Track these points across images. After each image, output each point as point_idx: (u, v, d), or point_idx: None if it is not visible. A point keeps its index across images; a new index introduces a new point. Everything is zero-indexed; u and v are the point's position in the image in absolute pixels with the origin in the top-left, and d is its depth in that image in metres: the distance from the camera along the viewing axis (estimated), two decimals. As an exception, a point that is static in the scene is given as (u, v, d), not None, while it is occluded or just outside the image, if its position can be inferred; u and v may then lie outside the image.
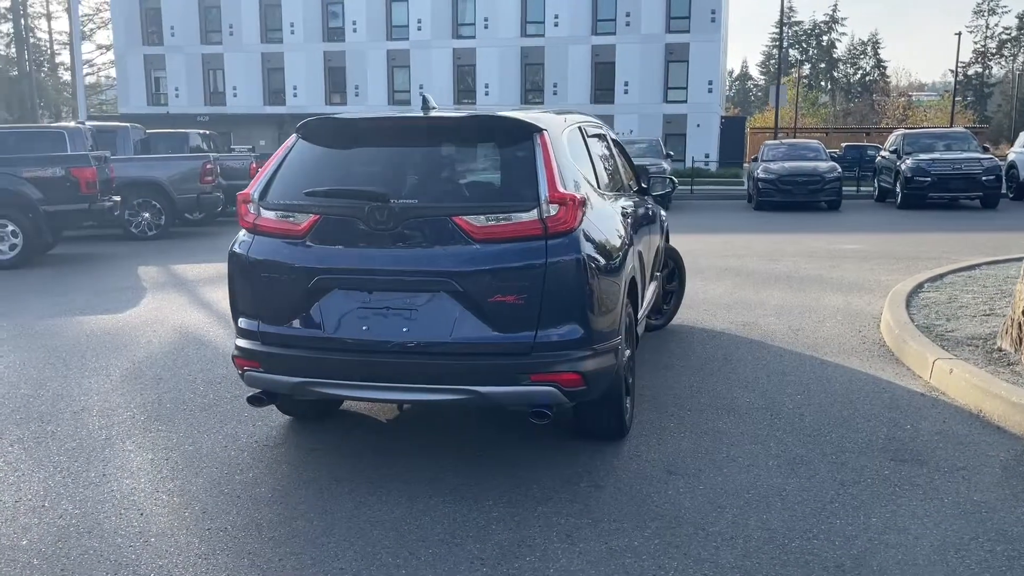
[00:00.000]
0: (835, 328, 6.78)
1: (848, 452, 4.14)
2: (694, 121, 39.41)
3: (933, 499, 3.60)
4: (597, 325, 3.74)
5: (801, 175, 18.77)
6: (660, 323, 6.78)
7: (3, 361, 6.01)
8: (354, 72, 42.00)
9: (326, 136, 3.97)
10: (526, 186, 3.60)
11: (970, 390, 4.84)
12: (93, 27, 61.88)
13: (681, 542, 3.23)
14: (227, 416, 4.68)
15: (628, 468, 3.96)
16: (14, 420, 4.70)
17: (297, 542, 3.25)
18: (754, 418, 4.64)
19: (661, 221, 6.37)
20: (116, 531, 3.34)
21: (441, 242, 3.58)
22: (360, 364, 3.65)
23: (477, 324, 3.57)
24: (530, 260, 3.55)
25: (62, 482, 3.84)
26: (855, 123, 68.08)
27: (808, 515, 3.46)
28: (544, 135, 3.76)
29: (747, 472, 3.90)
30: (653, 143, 21.32)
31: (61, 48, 61.77)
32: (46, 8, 61.26)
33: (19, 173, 10.88)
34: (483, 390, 3.59)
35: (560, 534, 3.30)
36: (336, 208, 3.68)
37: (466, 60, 41.02)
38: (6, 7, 54.74)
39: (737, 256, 11.22)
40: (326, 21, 42.23)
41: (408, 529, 3.35)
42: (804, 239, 13.29)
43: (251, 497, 3.67)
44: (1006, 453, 4.10)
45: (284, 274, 3.75)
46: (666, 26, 39.29)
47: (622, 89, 39.99)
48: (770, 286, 8.77)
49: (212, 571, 3.03)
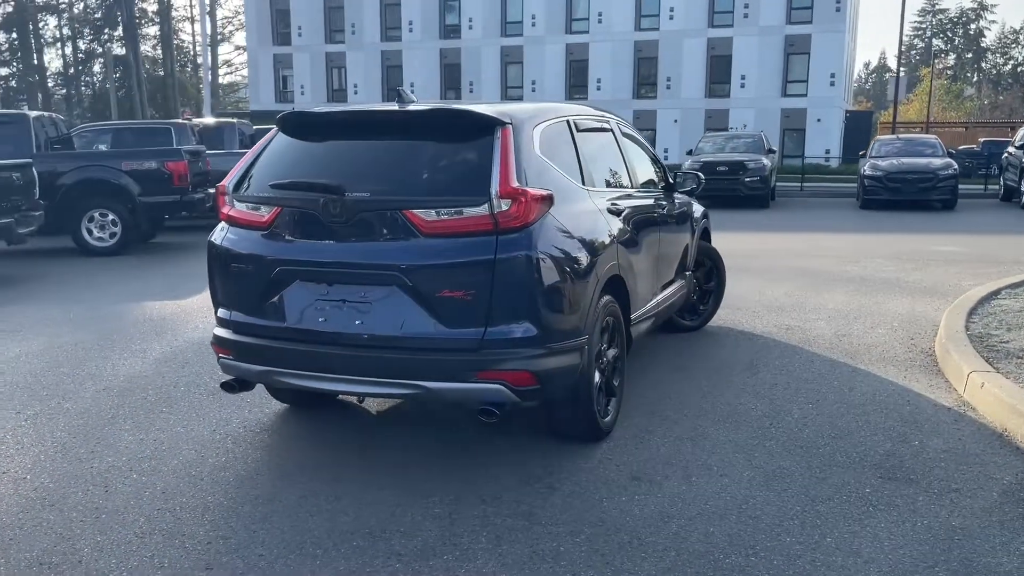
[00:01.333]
0: (885, 335, 6.37)
1: (836, 467, 3.89)
2: (814, 116, 37.83)
3: (906, 521, 3.33)
4: (555, 324, 3.65)
5: (911, 172, 17.70)
6: (695, 324, 6.56)
7: (58, 341, 6.43)
8: (469, 69, 42.54)
9: (302, 129, 4.04)
10: (479, 180, 3.55)
11: (997, 406, 4.45)
12: (232, 29, 65.13)
13: (609, 551, 3.12)
14: (229, 401, 4.83)
15: (594, 471, 3.85)
16: (40, 396, 5.02)
17: (233, 526, 3.33)
18: (751, 426, 4.42)
19: (692, 219, 6.16)
20: (76, 506, 3.52)
21: (391, 236, 3.59)
22: (317, 355, 3.71)
23: (426, 319, 3.56)
24: (479, 256, 3.51)
25: (52, 456, 4.07)
26: (1003, 117, 63.57)
27: (760, 530, 3.27)
28: (507, 129, 3.69)
29: (716, 482, 3.73)
30: (755, 138, 20.58)
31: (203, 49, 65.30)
32: (190, 12, 64.97)
33: (119, 166, 11.59)
34: (430, 385, 3.57)
35: (491, 535, 3.25)
36: (295, 201, 3.75)
37: (578, 55, 40.83)
38: (155, 11, 58.37)
39: (815, 256, 10.71)
40: (443, 19, 42.94)
41: (344, 521, 3.38)
42: (899, 240, 12.55)
43: (213, 480, 3.78)
44: (1012, 477, 3.75)
45: (250, 265, 3.85)
46: (787, 17, 37.84)
47: (738, 83, 38.83)
48: (835, 288, 8.33)
49: (141, 549, 3.15)
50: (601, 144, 4.85)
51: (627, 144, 5.23)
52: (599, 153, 4.74)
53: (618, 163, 4.97)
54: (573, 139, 4.34)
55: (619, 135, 5.10)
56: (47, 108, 51.35)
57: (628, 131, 5.41)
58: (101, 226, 11.59)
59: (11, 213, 9.20)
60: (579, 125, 4.49)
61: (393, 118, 3.95)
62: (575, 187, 4.13)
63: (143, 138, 13.84)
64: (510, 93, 41.97)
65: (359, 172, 3.77)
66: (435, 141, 3.80)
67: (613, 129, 5.06)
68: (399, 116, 3.90)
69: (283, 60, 46.42)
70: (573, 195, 4.05)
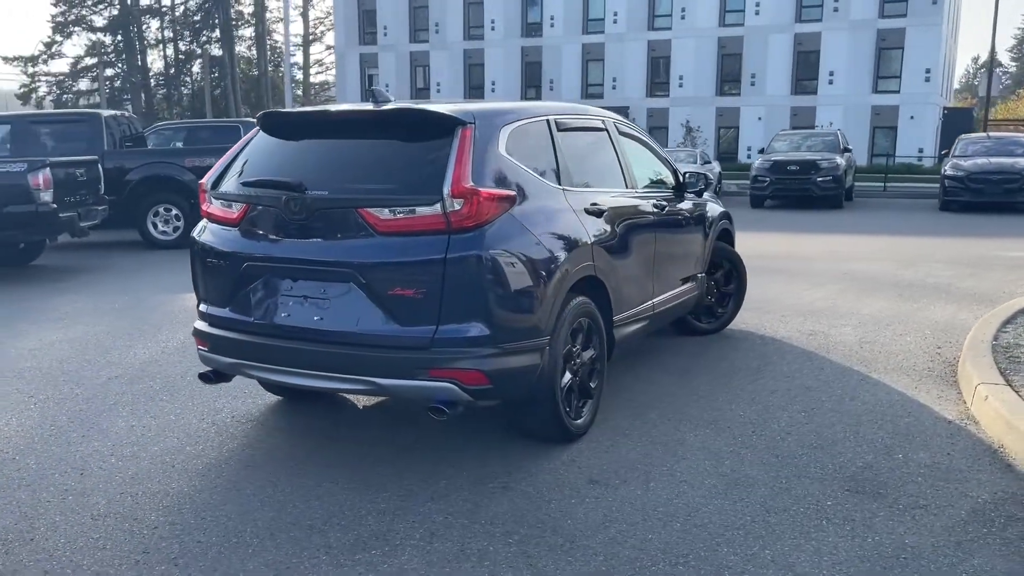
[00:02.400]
0: (912, 343, 6.10)
1: (805, 478, 3.76)
2: (907, 113, 36.32)
3: (856, 537, 3.20)
4: (509, 324, 3.64)
5: (996, 172, 16.82)
6: (713, 327, 6.42)
7: (94, 329, 6.75)
8: (549, 67, 42.50)
9: (279, 128, 4.14)
10: (434, 180, 3.57)
11: (997, 421, 4.22)
12: (324, 29, 66.75)
13: (537, 553, 3.10)
14: (225, 392, 4.98)
15: (554, 473, 3.83)
16: (55, 382, 5.30)
17: (184, 513, 3.45)
18: (731, 433, 4.32)
19: (707, 221, 6.02)
20: (48, 487, 3.70)
21: (348, 233, 3.65)
22: (280, 350, 3.80)
23: (380, 316, 3.61)
24: (430, 255, 3.53)
25: (46, 439, 4.29)
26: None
27: (700, 539, 3.20)
28: (467, 129, 3.70)
29: (674, 489, 3.65)
30: (831, 137, 19.93)
31: (296, 49, 67.15)
32: (284, 13, 66.87)
33: (182, 163, 12.08)
34: (383, 382, 3.62)
35: (426, 532, 3.27)
36: (261, 198, 3.85)
37: (660, 52, 40.29)
38: (250, 13, 60.36)
39: (870, 260, 10.32)
40: (525, 17, 43.02)
41: (291, 512, 3.45)
42: (965, 244, 11.97)
43: (183, 468, 3.92)
44: (989, 495, 3.55)
45: (223, 260, 3.97)
46: (879, 11, 36.44)
47: (826, 79, 37.60)
48: (878, 294, 8.02)
49: (91, 531, 3.29)
50: (590, 144, 4.80)
51: (626, 144, 5.16)
52: (586, 153, 4.69)
53: (610, 163, 4.90)
54: (552, 139, 4.31)
55: (615, 135, 5.03)
56: (149, 107, 53.80)
57: (629, 131, 5.34)
58: (165, 220, 12.11)
59: (75, 207, 9.69)
60: (561, 124, 4.45)
61: (362, 118, 4.01)
62: (548, 187, 4.10)
63: (215, 136, 14.37)
64: (590, 91, 41.77)
65: (324, 171, 3.85)
66: (398, 140, 3.84)
67: (608, 129, 5.00)
68: (367, 116, 3.96)
69: (369, 59, 47.36)
70: (544, 195, 4.03)
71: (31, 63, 52.66)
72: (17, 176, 8.96)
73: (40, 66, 53.17)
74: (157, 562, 3.05)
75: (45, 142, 11.97)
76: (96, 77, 52.44)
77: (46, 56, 52.88)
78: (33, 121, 12.43)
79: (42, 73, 53.48)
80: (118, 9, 53.59)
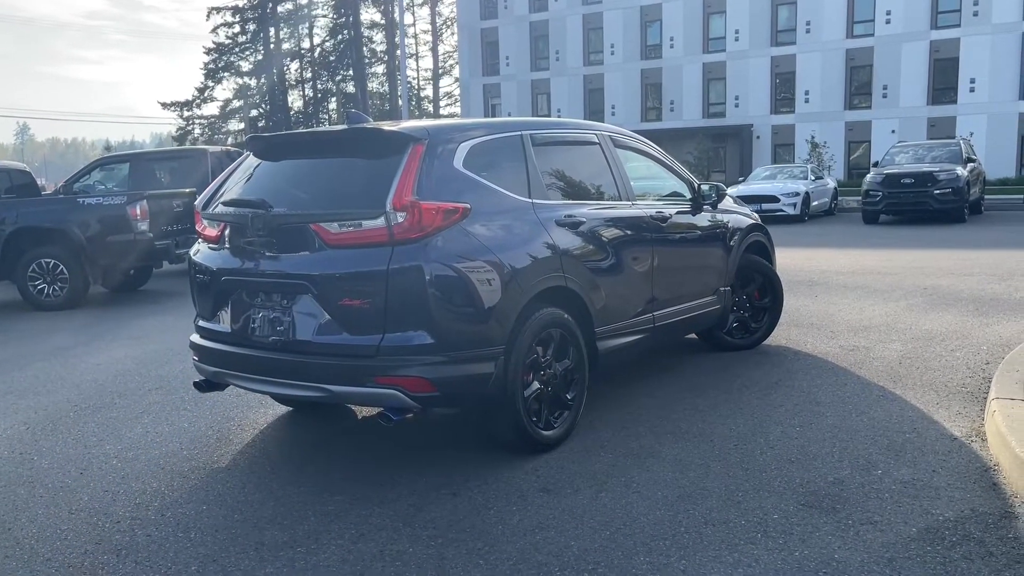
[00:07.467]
0: (960, 359, 5.72)
1: (763, 491, 3.63)
2: (1058, 120, 33.74)
3: (783, 550, 3.08)
4: (456, 333, 3.72)
5: None
6: (746, 342, 6.23)
7: (160, 347, 7.28)
8: (670, 88, 42.15)
9: (264, 151, 4.40)
10: (380, 194, 3.71)
11: (996, 438, 3.93)
12: (452, 63, 68.92)
13: (453, 556, 3.15)
14: (241, 402, 5.28)
15: (509, 481, 3.86)
16: (103, 392, 5.76)
17: (151, 511, 3.69)
18: (711, 446, 4.21)
19: (730, 234, 5.87)
20: (47, 484, 4.06)
21: (303, 248, 3.84)
22: (250, 359, 4.03)
23: (333, 326, 3.77)
24: (374, 266, 3.67)
25: (66, 442, 4.69)
26: None
27: (622, 548, 3.16)
28: (419, 146, 3.83)
29: (623, 499, 3.61)
30: (953, 147, 18.75)
31: (426, 83, 69.55)
32: (415, 49, 69.41)
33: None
34: (334, 389, 3.77)
35: (355, 534, 3.38)
36: (234, 217, 4.10)
37: (785, 67, 39.18)
38: (382, 50, 63.09)
39: (958, 275, 9.68)
40: (644, 39, 42.90)
41: (241, 512, 3.63)
42: (1086, 256, 11.01)
43: (171, 471, 4.20)
44: (953, 513, 3.32)
45: (207, 276, 4.26)
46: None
47: (967, 87, 35.48)
48: (949, 309, 7.53)
49: (63, 523, 3.58)
50: (575, 157, 4.82)
51: (623, 156, 5.14)
52: (568, 166, 4.71)
53: (599, 175, 4.90)
54: (524, 153, 4.37)
55: (608, 148, 5.02)
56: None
57: (629, 143, 5.31)
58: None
59: (172, 236, 10.47)
60: (538, 139, 4.50)
61: (328, 138, 4.23)
62: (513, 200, 4.16)
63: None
64: (712, 110, 41.12)
65: (290, 189, 4.07)
66: (358, 158, 4.01)
67: (601, 142, 5.00)
68: (332, 136, 4.17)
69: (492, 89, 48.46)
70: (506, 208, 4.09)
71: (186, 107, 56.91)
72: (117, 208, 9.79)
73: (194, 110, 57.41)
74: (103, 551, 3.30)
75: (160, 177, 12.99)
76: (243, 118, 56.17)
77: (199, 100, 57.03)
78: (149, 159, 13.49)
79: (196, 116, 57.70)
80: (262, 54, 57.23)
